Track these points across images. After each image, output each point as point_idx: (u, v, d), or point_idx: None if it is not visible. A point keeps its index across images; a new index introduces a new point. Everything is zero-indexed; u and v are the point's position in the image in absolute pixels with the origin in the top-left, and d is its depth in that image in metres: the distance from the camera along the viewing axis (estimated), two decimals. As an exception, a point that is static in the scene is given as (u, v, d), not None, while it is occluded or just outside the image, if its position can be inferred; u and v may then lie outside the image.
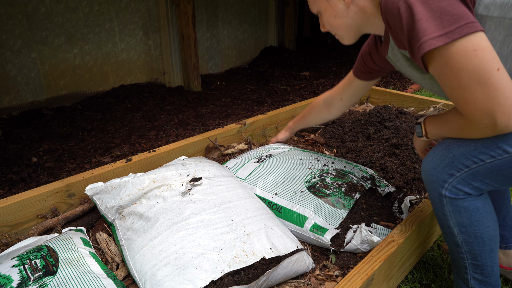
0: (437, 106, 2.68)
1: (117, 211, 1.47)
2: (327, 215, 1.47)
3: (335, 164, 1.75)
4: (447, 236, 1.11)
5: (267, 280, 1.19)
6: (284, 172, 1.69)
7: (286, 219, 1.51)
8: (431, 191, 1.06)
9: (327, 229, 1.42)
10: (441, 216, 1.08)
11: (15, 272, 1.13)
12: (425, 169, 1.07)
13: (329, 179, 1.63)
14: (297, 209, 1.50)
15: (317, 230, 1.43)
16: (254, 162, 1.78)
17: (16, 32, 2.77)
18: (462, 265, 1.12)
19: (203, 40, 4.16)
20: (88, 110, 3.11)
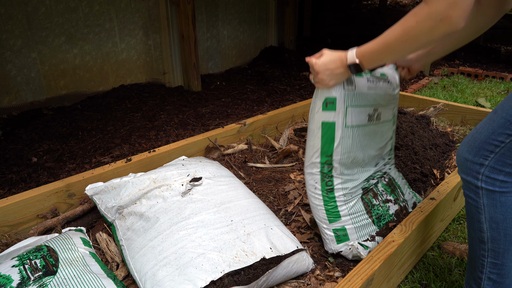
0: (437, 106, 2.68)
1: (117, 211, 1.47)
2: (360, 227, 1.42)
3: (391, 170, 1.66)
4: (474, 231, 1.09)
5: (267, 280, 1.19)
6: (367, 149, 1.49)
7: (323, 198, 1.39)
8: (467, 184, 1.05)
9: (349, 239, 1.39)
10: (474, 210, 1.06)
11: (15, 272, 1.13)
12: (459, 164, 1.07)
13: (380, 185, 1.54)
14: (341, 204, 1.39)
15: (339, 234, 1.38)
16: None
17: (16, 32, 2.77)
18: (480, 263, 1.09)
19: (203, 40, 4.15)
20: (88, 110, 3.11)
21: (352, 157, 1.40)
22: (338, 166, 1.37)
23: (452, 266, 1.47)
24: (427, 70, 4.22)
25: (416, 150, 2.02)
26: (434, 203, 1.48)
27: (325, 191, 1.38)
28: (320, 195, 1.39)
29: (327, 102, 1.31)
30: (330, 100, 1.31)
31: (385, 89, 1.46)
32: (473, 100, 3.40)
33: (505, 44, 5.51)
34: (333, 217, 1.39)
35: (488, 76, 4.15)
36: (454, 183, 1.62)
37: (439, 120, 2.66)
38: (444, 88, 3.82)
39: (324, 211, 1.39)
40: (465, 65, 4.59)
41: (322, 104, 1.31)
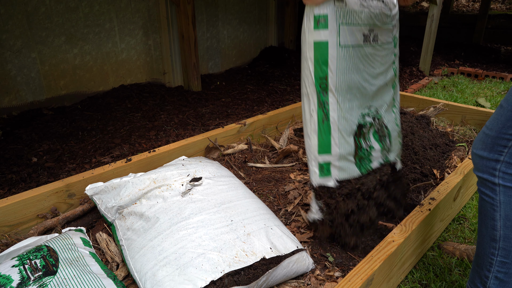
0: (437, 106, 2.68)
1: (117, 211, 1.47)
2: (344, 167, 1.37)
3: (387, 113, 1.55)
4: (486, 229, 1.08)
5: (267, 280, 1.19)
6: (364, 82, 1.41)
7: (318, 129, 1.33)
8: (484, 182, 1.05)
9: (331, 176, 1.35)
10: (489, 207, 1.05)
11: (15, 272, 1.13)
12: (474, 162, 1.07)
13: (372, 131, 1.47)
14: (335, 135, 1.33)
15: (324, 168, 1.35)
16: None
17: (16, 32, 2.77)
18: (488, 261, 1.09)
19: (203, 40, 4.15)
20: (88, 110, 3.11)
21: (349, 81, 1.33)
22: (334, 92, 1.29)
23: (452, 266, 1.47)
24: (427, 70, 4.22)
25: (416, 150, 2.02)
26: (434, 203, 1.48)
27: (321, 120, 1.32)
28: (315, 124, 1.32)
29: (319, 20, 1.24)
30: (321, 17, 1.23)
31: (380, 8, 1.39)
32: (473, 100, 3.40)
33: (505, 44, 5.51)
34: (323, 148, 1.34)
35: (488, 76, 4.15)
36: (454, 183, 1.62)
37: (439, 120, 2.66)
38: (444, 88, 3.82)
39: (316, 140, 1.33)
40: (465, 65, 4.59)
41: (314, 22, 1.24)
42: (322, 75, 1.28)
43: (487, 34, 5.66)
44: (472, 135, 2.41)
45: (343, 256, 1.43)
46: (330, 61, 1.27)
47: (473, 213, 1.82)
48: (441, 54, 5.08)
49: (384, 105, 1.52)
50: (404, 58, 4.78)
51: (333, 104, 1.31)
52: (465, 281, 1.40)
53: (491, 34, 5.64)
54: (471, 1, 7.87)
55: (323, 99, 1.30)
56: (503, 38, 5.56)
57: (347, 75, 1.32)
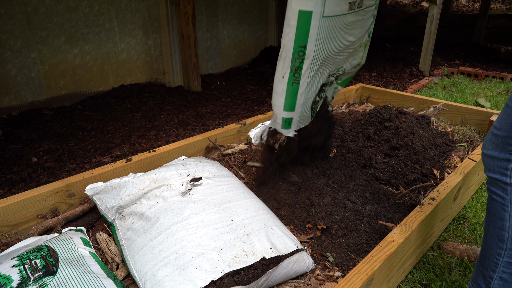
0: (437, 106, 2.68)
1: (117, 211, 1.47)
2: (302, 120, 1.54)
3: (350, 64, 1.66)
4: (494, 229, 1.07)
5: (267, 280, 1.19)
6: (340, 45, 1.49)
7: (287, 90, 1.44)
8: (495, 181, 1.05)
9: (291, 128, 1.54)
10: (498, 207, 1.05)
11: (15, 272, 1.13)
12: (485, 163, 1.06)
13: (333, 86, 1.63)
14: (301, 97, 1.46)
15: (286, 121, 1.52)
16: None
17: (16, 32, 2.77)
18: (494, 261, 1.08)
19: (203, 40, 4.15)
20: (88, 110, 3.11)
21: (325, 51, 1.38)
22: (310, 61, 1.36)
23: (452, 266, 1.47)
24: (427, 70, 4.22)
25: (416, 150, 2.02)
26: (434, 203, 1.48)
27: (291, 83, 1.40)
28: (285, 85, 1.42)
29: None
30: None
31: None
32: (473, 100, 3.40)
33: (505, 44, 5.51)
34: (287, 106, 1.46)
35: (488, 76, 4.15)
36: (454, 183, 1.62)
37: (439, 120, 2.66)
38: (444, 88, 3.82)
39: (283, 99, 1.44)
40: (465, 65, 4.59)
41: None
42: (302, 43, 1.33)
43: (487, 34, 5.65)
44: (472, 135, 2.41)
45: (343, 256, 1.43)
46: (311, 31, 1.32)
47: (473, 213, 1.82)
48: (441, 54, 5.08)
49: (351, 63, 1.63)
50: (404, 58, 4.78)
51: (306, 71, 1.40)
52: (465, 281, 1.40)
53: (491, 34, 5.64)
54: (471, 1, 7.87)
55: (297, 65, 1.37)
56: (503, 38, 5.56)
57: (325, 44, 1.38)
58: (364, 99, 3.14)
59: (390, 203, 1.73)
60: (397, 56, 4.87)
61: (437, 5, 3.87)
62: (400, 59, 4.77)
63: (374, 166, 1.98)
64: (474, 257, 1.48)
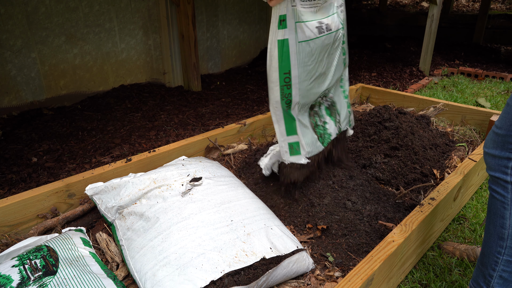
0: (437, 106, 2.68)
1: (117, 211, 1.47)
2: (309, 144, 1.59)
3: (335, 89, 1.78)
4: (494, 227, 1.08)
5: (267, 280, 1.19)
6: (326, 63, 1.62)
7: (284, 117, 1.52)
8: (496, 180, 1.05)
9: (301, 154, 1.57)
10: (499, 205, 1.05)
11: (15, 272, 1.13)
12: (487, 162, 1.07)
13: (323, 107, 1.71)
14: (298, 119, 1.54)
15: (294, 146, 1.55)
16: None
17: (16, 32, 2.77)
18: (494, 260, 1.08)
19: (203, 40, 4.15)
20: (88, 110, 3.11)
21: (308, 72, 1.50)
22: (297, 84, 1.47)
23: (452, 266, 1.47)
24: (427, 70, 4.22)
25: (416, 150, 2.02)
26: (434, 203, 1.48)
27: (285, 109, 1.50)
28: (281, 112, 1.51)
29: (281, 20, 1.39)
30: (282, 17, 1.39)
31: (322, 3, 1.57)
32: (473, 100, 3.40)
33: (505, 44, 5.51)
34: (290, 131, 1.54)
35: (488, 76, 4.15)
36: (454, 183, 1.62)
37: (439, 120, 2.66)
38: (444, 88, 3.82)
39: (284, 126, 1.53)
40: (465, 65, 4.59)
41: (278, 23, 1.40)
42: (286, 70, 1.44)
43: (487, 34, 5.65)
44: (472, 135, 2.41)
45: (343, 256, 1.43)
46: (291, 57, 1.44)
47: (473, 213, 1.82)
48: (441, 54, 5.08)
49: (334, 83, 1.73)
50: (404, 58, 4.78)
51: (295, 96, 1.50)
52: (465, 281, 1.40)
53: (491, 34, 5.64)
54: (471, 1, 7.87)
55: (286, 91, 1.47)
56: (503, 38, 5.56)
57: (307, 67, 1.50)
58: (364, 99, 3.14)
59: (390, 203, 1.73)
60: (397, 56, 4.87)
61: (437, 5, 3.87)
62: (400, 59, 4.77)
63: (374, 166, 1.98)
64: (474, 257, 1.48)
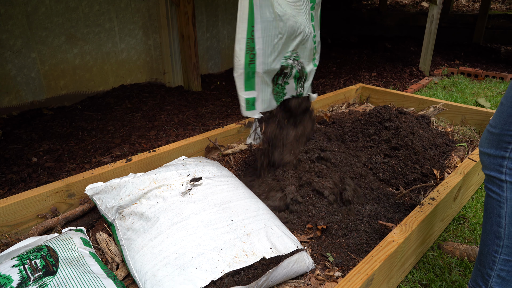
0: (437, 106, 2.68)
1: (117, 211, 1.47)
2: (265, 100, 1.68)
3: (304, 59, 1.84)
4: (491, 226, 1.08)
5: (267, 280, 1.19)
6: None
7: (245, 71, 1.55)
8: (491, 179, 1.05)
9: (255, 109, 1.66)
10: (495, 204, 1.06)
11: (15, 272, 1.13)
12: (482, 161, 1.07)
13: (294, 71, 1.76)
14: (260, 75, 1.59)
15: (250, 102, 1.63)
16: None
17: (16, 32, 2.77)
18: (491, 259, 1.08)
19: (203, 40, 4.16)
20: (88, 110, 3.11)
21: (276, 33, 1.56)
22: (261, 40, 1.51)
23: (452, 266, 1.47)
24: (427, 70, 4.23)
25: (416, 150, 2.02)
26: (434, 203, 1.48)
27: (248, 64, 1.53)
28: (242, 67, 1.53)
29: None
30: None
31: None
32: (473, 100, 3.40)
33: (505, 44, 5.51)
34: (248, 86, 1.59)
35: (488, 76, 4.15)
36: (454, 183, 1.62)
37: (439, 120, 2.66)
38: (444, 88, 3.82)
39: (243, 80, 1.56)
40: (465, 65, 4.59)
41: None
42: (252, 23, 1.48)
43: (487, 34, 5.66)
44: (472, 135, 2.41)
45: (343, 256, 1.43)
46: (255, 10, 1.46)
47: (473, 213, 1.82)
48: (441, 54, 5.08)
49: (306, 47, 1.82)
50: (404, 58, 4.78)
51: (259, 50, 1.53)
52: (465, 281, 1.40)
53: (491, 34, 5.64)
54: (471, 1, 7.87)
55: (252, 45, 1.50)
56: (503, 38, 5.56)
57: (272, 24, 1.54)
58: (364, 99, 3.14)
59: (390, 203, 1.73)
60: (397, 56, 4.87)
61: (437, 5, 3.87)
62: (400, 59, 4.77)
63: (374, 166, 1.98)
64: (474, 257, 1.48)
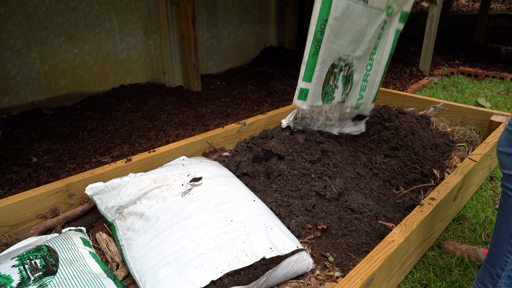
0: (437, 106, 2.68)
1: (117, 211, 1.47)
2: (316, 96, 1.80)
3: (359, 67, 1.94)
4: (507, 225, 1.06)
5: (267, 280, 1.19)
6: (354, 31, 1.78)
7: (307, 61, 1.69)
8: (510, 177, 1.04)
9: (306, 101, 1.78)
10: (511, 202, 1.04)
11: (15, 272, 1.13)
12: (501, 160, 1.06)
13: (341, 74, 1.87)
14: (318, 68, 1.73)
15: (303, 93, 1.76)
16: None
17: (16, 32, 2.77)
18: (503, 259, 1.07)
19: (203, 40, 4.15)
20: (88, 110, 3.11)
21: (340, 32, 1.69)
22: (328, 35, 1.65)
23: (452, 266, 1.47)
24: (427, 70, 4.22)
25: (416, 150, 2.02)
26: (434, 203, 1.48)
27: (312, 53, 1.66)
28: (307, 56, 1.67)
29: None
30: None
31: None
32: (473, 100, 3.40)
33: (505, 44, 5.51)
34: (306, 77, 1.71)
35: (488, 76, 4.15)
36: (454, 183, 1.62)
37: (439, 120, 2.66)
38: (444, 88, 3.82)
39: (303, 70, 1.69)
40: (465, 65, 4.59)
41: None
42: (324, 17, 1.60)
43: (487, 34, 5.66)
44: (472, 135, 2.41)
45: (343, 256, 1.43)
46: (332, 7, 1.59)
47: (473, 213, 1.82)
48: (441, 54, 5.08)
49: (361, 59, 1.89)
50: (404, 58, 4.78)
51: (325, 45, 1.66)
52: (465, 281, 1.40)
53: (491, 34, 5.64)
54: (471, 1, 7.87)
55: (319, 37, 1.64)
56: (503, 38, 5.56)
57: (339, 22, 1.66)
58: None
59: (390, 203, 1.73)
60: (397, 56, 4.87)
61: (437, 5, 3.87)
62: (400, 59, 4.77)
63: (374, 166, 1.98)
64: (475, 257, 1.48)
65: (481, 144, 2.01)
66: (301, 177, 1.71)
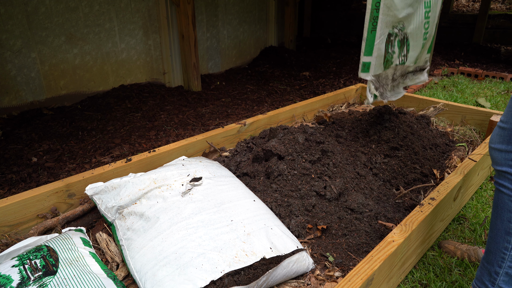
0: (437, 106, 2.68)
1: (117, 211, 1.47)
2: (377, 66, 1.92)
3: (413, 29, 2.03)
4: (502, 222, 1.06)
5: (267, 280, 1.19)
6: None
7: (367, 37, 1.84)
8: (503, 174, 1.04)
9: (369, 72, 1.92)
10: (507, 199, 1.04)
11: (15, 272, 1.13)
12: (493, 157, 1.06)
13: (397, 40, 1.96)
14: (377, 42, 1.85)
15: (365, 66, 1.90)
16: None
17: (16, 32, 2.77)
18: (500, 256, 1.07)
19: (203, 40, 4.16)
20: (88, 110, 3.11)
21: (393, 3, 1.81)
22: (383, 10, 1.78)
23: (452, 266, 1.47)
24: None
25: (416, 150, 2.02)
26: (434, 203, 1.48)
27: (370, 30, 1.82)
28: (366, 33, 1.83)
29: None
30: None
31: None
32: (473, 100, 3.40)
33: (505, 44, 5.51)
34: (367, 51, 1.87)
35: (488, 76, 4.15)
36: (454, 183, 1.62)
37: (439, 120, 2.66)
38: (444, 88, 3.82)
39: (364, 46, 1.86)
40: (465, 65, 4.59)
41: None
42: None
43: (487, 34, 5.66)
44: (472, 135, 2.41)
45: (343, 256, 1.43)
46: None
47: (473, 213, 1.82)
48: (441, 54, 5.08)
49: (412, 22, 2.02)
50: (404, 58, 4.77)
51: (381, 19, 1.81)
52: (465, 281, 1.40)
53: (491, 34, 5.64)
54: (471, 1, 7.87)
55: (375, 14, 1.80)
56: (503, 38, 5.56)
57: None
58: (364, 99, 3.14)
59: (390, 203, 1.73)
60: (397, 56, 4.86)
61: (437, 5, 3.87)
62: (400, 59, 4.76)
63: (374, 166, 1.98)
64: (475, 257, 1.48)
65: (481, 144, 2.01)
66: (301, 177, 1.71)
